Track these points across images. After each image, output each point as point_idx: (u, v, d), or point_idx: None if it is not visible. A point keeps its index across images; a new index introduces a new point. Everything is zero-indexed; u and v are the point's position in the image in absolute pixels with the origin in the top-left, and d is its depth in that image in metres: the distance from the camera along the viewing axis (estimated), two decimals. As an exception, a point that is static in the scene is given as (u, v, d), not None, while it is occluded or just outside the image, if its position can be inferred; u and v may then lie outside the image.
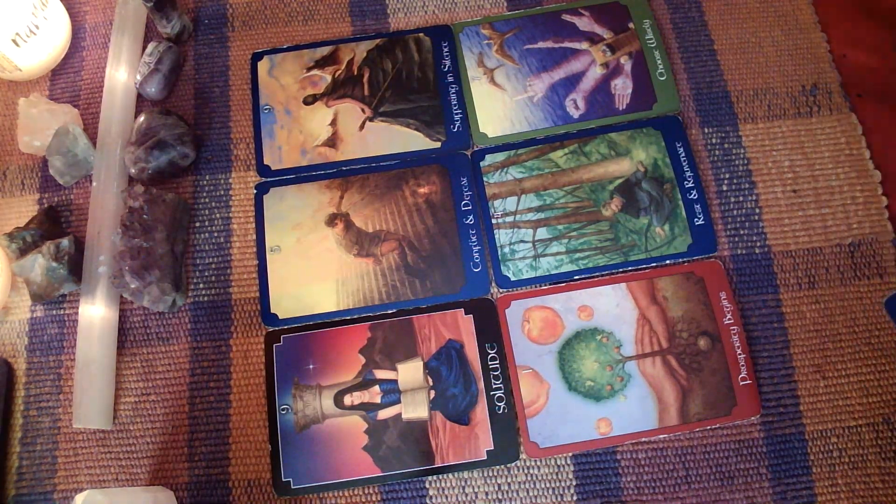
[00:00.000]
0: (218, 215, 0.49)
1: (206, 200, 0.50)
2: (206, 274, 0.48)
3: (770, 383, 0.44)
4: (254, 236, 0.48)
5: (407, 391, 0.44)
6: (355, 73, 0.52)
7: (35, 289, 0.46)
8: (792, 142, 0.49)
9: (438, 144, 0.50)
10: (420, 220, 0.48)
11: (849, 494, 0.42)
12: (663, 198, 0.47)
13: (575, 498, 0.42)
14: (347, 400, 0.44)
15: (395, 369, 0.44)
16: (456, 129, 0.50)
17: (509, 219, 0.48)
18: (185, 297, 0.47)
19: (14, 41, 0.48)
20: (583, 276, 0.46)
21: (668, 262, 0.46)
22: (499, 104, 0.51)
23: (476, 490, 0.43)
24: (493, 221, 0.48)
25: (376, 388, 0.44)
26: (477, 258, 0.47)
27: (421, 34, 0.53)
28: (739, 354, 0.44)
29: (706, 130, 0.49)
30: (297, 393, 0.44)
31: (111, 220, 0.47)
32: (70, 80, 0.53)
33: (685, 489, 0.42)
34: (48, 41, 0.51)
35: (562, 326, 0.45)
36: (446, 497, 0.43)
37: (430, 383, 0.44)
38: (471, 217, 0.48)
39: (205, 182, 0.50)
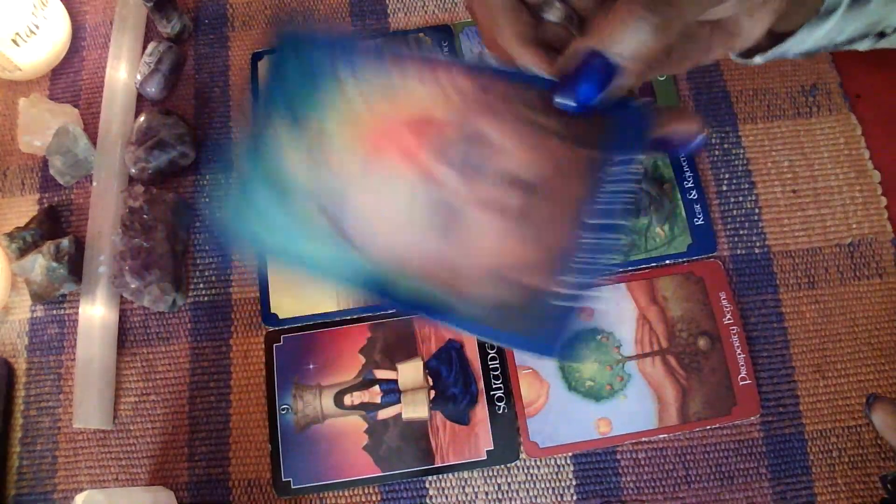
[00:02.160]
0: (218, 215, 0.49)
1: (207, 200, 0.50)
2: (207, 274, 0.48)
3: (770, 383, 0.44)
4: (254, 236, 0.48)
5: (407, 391, 0.44)
6: (355, 73, 0.52)
7: (35, 289, 0.46)
8: (791, 142, 0.49)
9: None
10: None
11: (848, 494, 0.42)
12: (663, 198, 0.47)
13: (575, 497, 0.42)
14: (347, 400, 0.44)
15: (395, 369, 0.44)
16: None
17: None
18: (185, 296, 0.47)
19: (14, 41, 0.48)
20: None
21: (667, 262, 0.46)
22: (499, 104, 0.51)
23: (476, 490, 0.43)
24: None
25: (376, 388, 0.44)
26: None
27: (421, 34, 0.53)
28: (739, 354, 0.44)
29: (706, 130, 0.49)
30: (298, 393, 0.44)
31: (111, 219, 0.47)
32: (70, 79, 0.53)
33: (685, 489, 0.42)
34: (48, 41, 0.51)
35: (562, 326, 0.45)
36: (446, 497, 0.43)
37: (430, 383, 0.44)
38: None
39: (205, 182, 0.50)
